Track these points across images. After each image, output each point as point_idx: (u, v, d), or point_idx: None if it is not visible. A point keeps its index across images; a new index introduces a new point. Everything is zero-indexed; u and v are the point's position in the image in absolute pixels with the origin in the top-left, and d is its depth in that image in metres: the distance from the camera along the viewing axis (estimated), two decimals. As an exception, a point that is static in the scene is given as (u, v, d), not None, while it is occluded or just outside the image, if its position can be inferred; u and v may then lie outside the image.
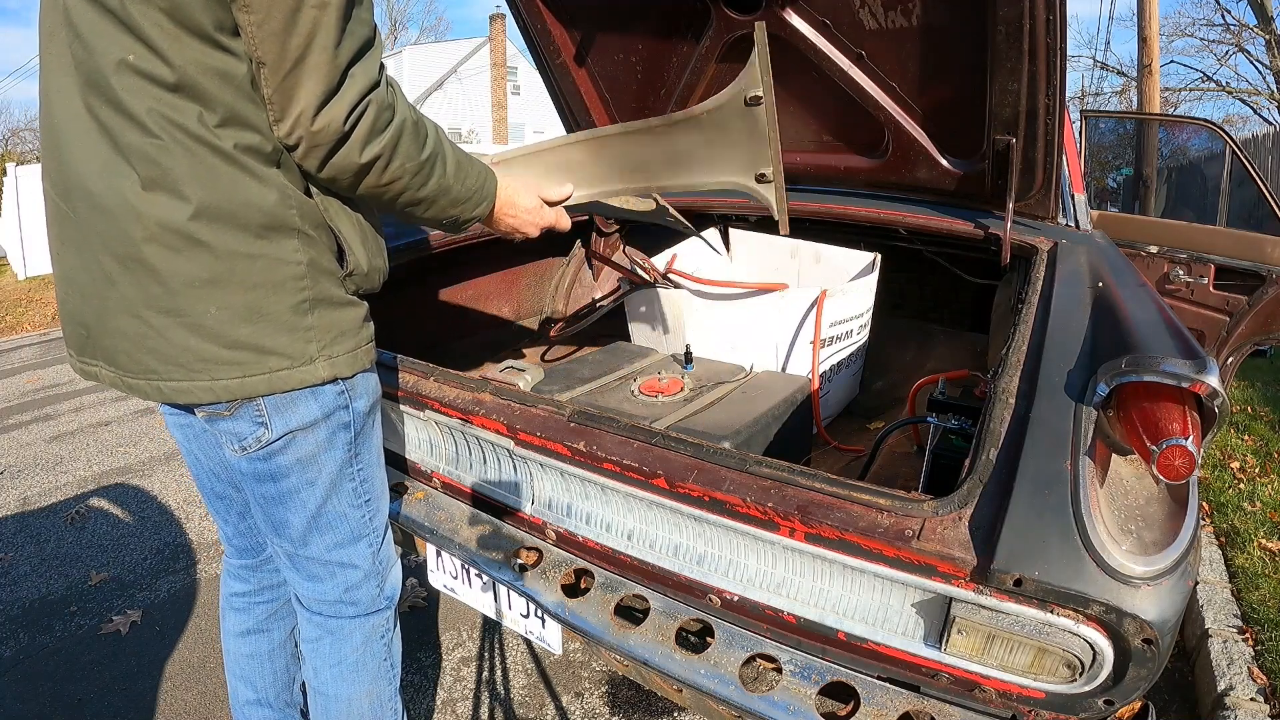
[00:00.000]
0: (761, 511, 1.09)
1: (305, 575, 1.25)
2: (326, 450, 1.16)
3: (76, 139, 0.99)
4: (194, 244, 0.98)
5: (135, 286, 0.99)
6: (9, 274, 12.13)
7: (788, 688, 1.11)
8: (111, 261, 1.00)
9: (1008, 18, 1.42)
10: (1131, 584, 0.89)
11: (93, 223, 1.00)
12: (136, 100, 0.94)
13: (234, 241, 0.99)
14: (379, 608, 1.30)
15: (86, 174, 0.99)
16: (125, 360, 1.04)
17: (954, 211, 1.86)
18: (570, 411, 1.34)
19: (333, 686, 1.28)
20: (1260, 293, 2.42)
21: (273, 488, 1.16)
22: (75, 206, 1.02)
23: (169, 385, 1.03)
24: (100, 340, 1.06)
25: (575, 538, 1.38)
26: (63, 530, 3.00)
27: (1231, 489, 2.87)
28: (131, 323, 1.01)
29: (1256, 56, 15.13)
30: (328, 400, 1.12)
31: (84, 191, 1.00)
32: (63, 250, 1.07)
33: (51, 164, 1.05)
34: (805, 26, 1.73)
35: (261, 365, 1.04)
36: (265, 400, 1.07)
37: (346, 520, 1.21)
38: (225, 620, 1.46)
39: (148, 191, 0.96)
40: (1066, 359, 1.18)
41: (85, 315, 1.06)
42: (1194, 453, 0.90)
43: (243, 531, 1.39)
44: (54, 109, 1.02)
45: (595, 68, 2.11)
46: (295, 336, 1.06)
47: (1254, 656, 1.94)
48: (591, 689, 1.99)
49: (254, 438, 1.10)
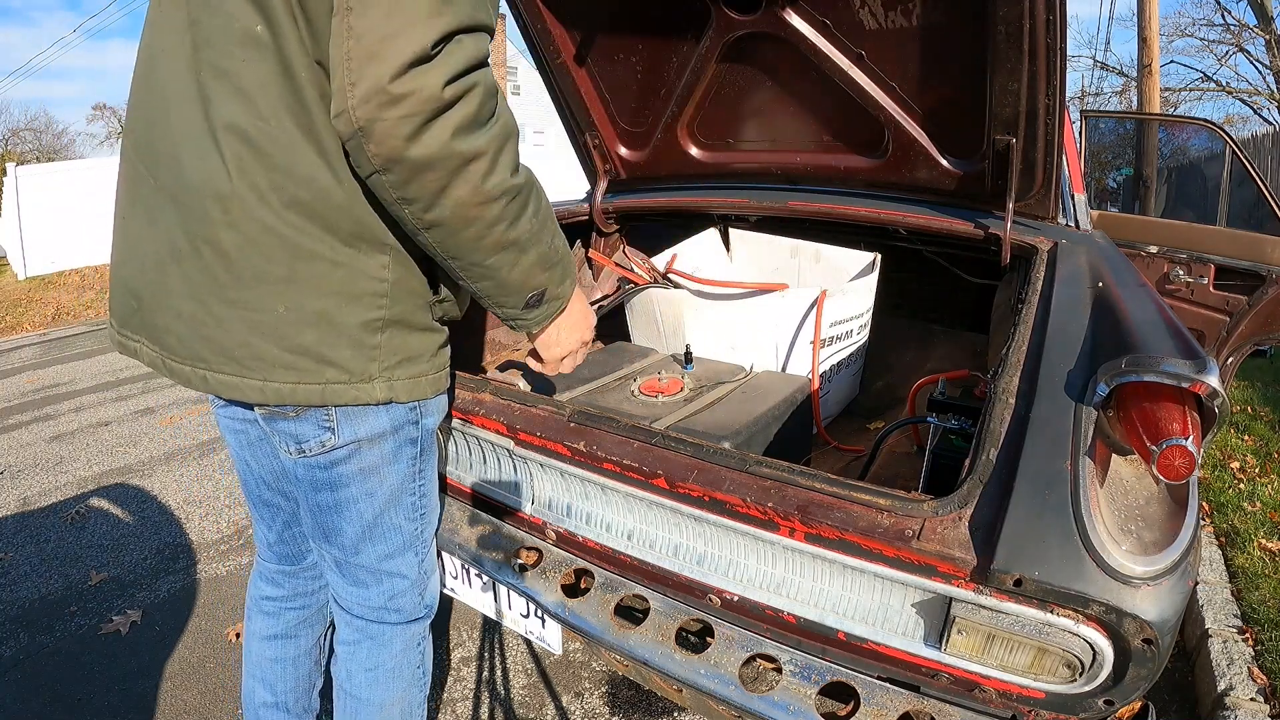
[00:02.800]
0: (761, 511, 1.09)
1: (351, 581, 1.22)
2: (391, 464, 1.11)
3: (177, 105, 0.92)
4: (276, 238, 0.91)
5: (202, 270, 0.93)
6: (9, 274, 12.13)
7: (788, 688, 1.11)
8: (184, 239, 0.93)
9: (1008, 18, 1.42)
10: (1131, 584, 0.89)
11: (173, 194, 0.94)
12: (253, 76, 0.87)
13: (319, 244, 0.92)
14: (419, 615, 1.28)
15: (180, 143, 0.92)
16: (174, 342, 0.98)
17: (954, 211, 1.86)
18: (570, 411, 1.34)
19: (367, 691, 1.26)
20: (1260, 293, 2.42)
21: (329, 496, 1.11)
22: (158, 173, 0.95)
23: (216, 377, 0.97)
24: (151, 316, 0.99)
25: (575, 538, 1.38)
26: (63, 530, 3.00)
27: (1231, 489, 2.87)
28: (191, 305, 0.95)
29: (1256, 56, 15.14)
30: (399, 414, 1.08)
31: (172, 160, 0.93)
32: (131, 215, 1.00)
33: (140, 125, 0.98)
34: (805, 27, 1.73)
35: (318, 375, 0.97)
36: (336, 407, 1.02)
37: (400, 532, 1.19)
38: (252, 622, 1.43)
39: (239, 174, 0.89)
40: (1066, 359, 1.18)
41: (140, 287, 1.00)
42: (1194, 452, 0.90)
43: (286, 539, 1.35)
44: (157, 69, 0.95)
45: (595, 68, 2.11)
46: (359, 352, 0.99)
47: (1254, 656, 1.94)
48: (591, 689, 1.99)
49: (317, 441, 1.05)
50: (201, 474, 3.50)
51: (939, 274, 2.31)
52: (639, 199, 2.38)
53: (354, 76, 0.76)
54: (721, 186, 2.26)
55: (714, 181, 2.27)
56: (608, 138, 2.28)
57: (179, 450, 3.84)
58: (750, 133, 2.11)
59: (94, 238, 12.25)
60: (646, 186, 2.40)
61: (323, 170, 0.90)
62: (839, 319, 1.99)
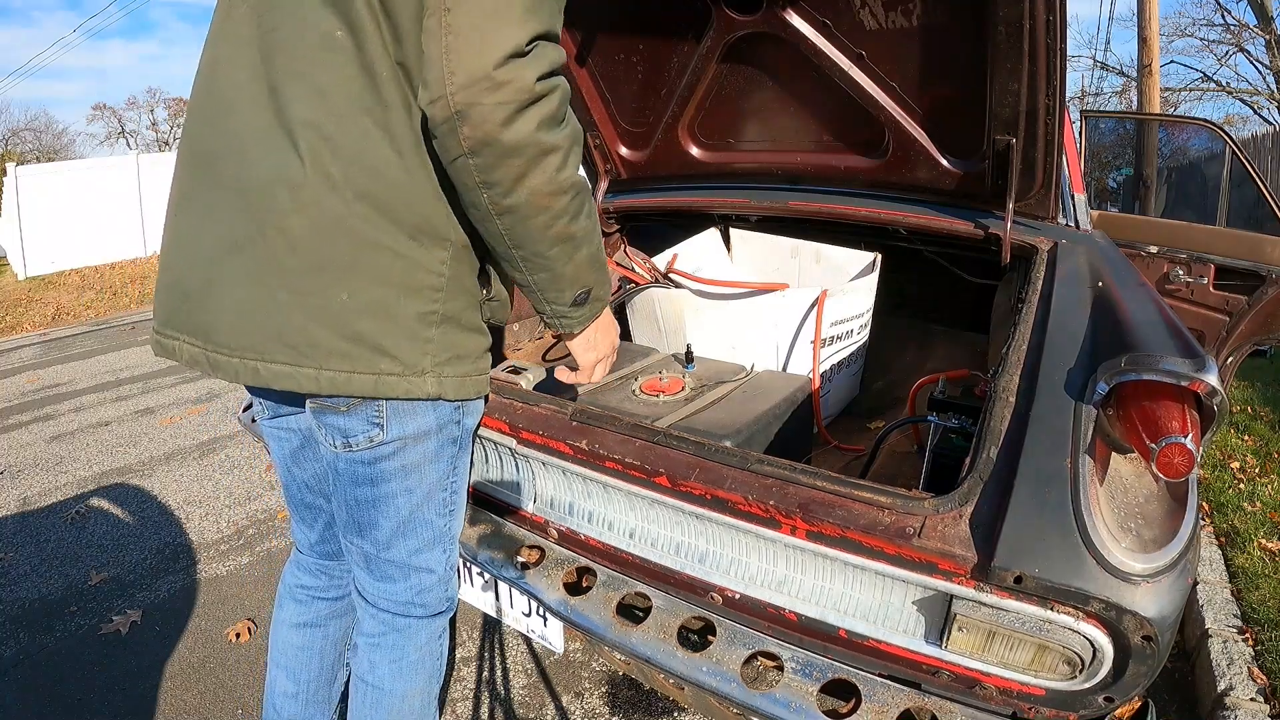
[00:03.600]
0: (763, 509, 1.10)
1: (379, 576, 1.23)
2: (432, 462, 1.14)
3: (242, 107, 0.97)
4: (343, 228, 0.95)
5: (267, 255, 0.96)
6: (9, 274, 12.13)
7: (789, 685, 1.11)
8: (247, 227, 0.96)
9: (1008, 18, 1.42)
10: (1131, 581, 0.89)
11: (238, 187, 0.98)
12: (331, 76, 0.92)
13: (384, 235, 0.97)
14: (442, 609, 1.30)
15: (246, 140, 0.97)
16: (225, 334, 1.00)
17: (954, 211, 1.86)
18: (572, 410, 1.34)
19: (390, 682, 1.27)
20: (1260, 293, 2.42)
21: (369, 491, 1.14)
22: (220, 170, 0.99)
23: (270, 368, 0.99)
24: (199, 312, 1.02)
25: (577, 536, 1.38)
26: (63, 530, 3.01)
27: (1231, 489, 2.87)
28: (249, 291, 0.97)
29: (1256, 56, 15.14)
30: (444, 413, 1.11)
31: (237, 155, 0.97)
32: (186, 211, 1.04)
33: (201, 128, 1.03)
34: (806, 27, 1.73)
35: (373, 365, 1.00)
36: (387, 403, 1.05)
37: (432, 528, 1.21)
38: (282, 609, 1.44)
39: (314, 165, 0.93)
40: (1066, 358, 1.18)
41: (190, 282, 1.03)
42: (1193, 451, 0.90)
43: (327, 539, 1.38)
44: (219, 76, 1.00)
45: (595, 68, 2.11)
46: (413, 345, 1.02)
47: (1254, 656, 1.95)
48: (591, 689, 1.99)
49: (365, 437, 1.08)
50: (201, 474, 3.50)
51: (939, 274, 2.31)
52: (640, 199, 2.38)
53: (454, 66, 0.82)
54: (722, 186, 2.26)
55: (714, 181, 2.28)
56: (608, 138, 2.29)
57: (179, 450, 3.84)
58: (751, 133, 2.12)
59: (94, 238, 12.27)
60: (647, 186, 2.41)
61: (394, 164, 0.96)
62: (840, 319, 1.99)
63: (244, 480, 3.40)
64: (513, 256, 1.00)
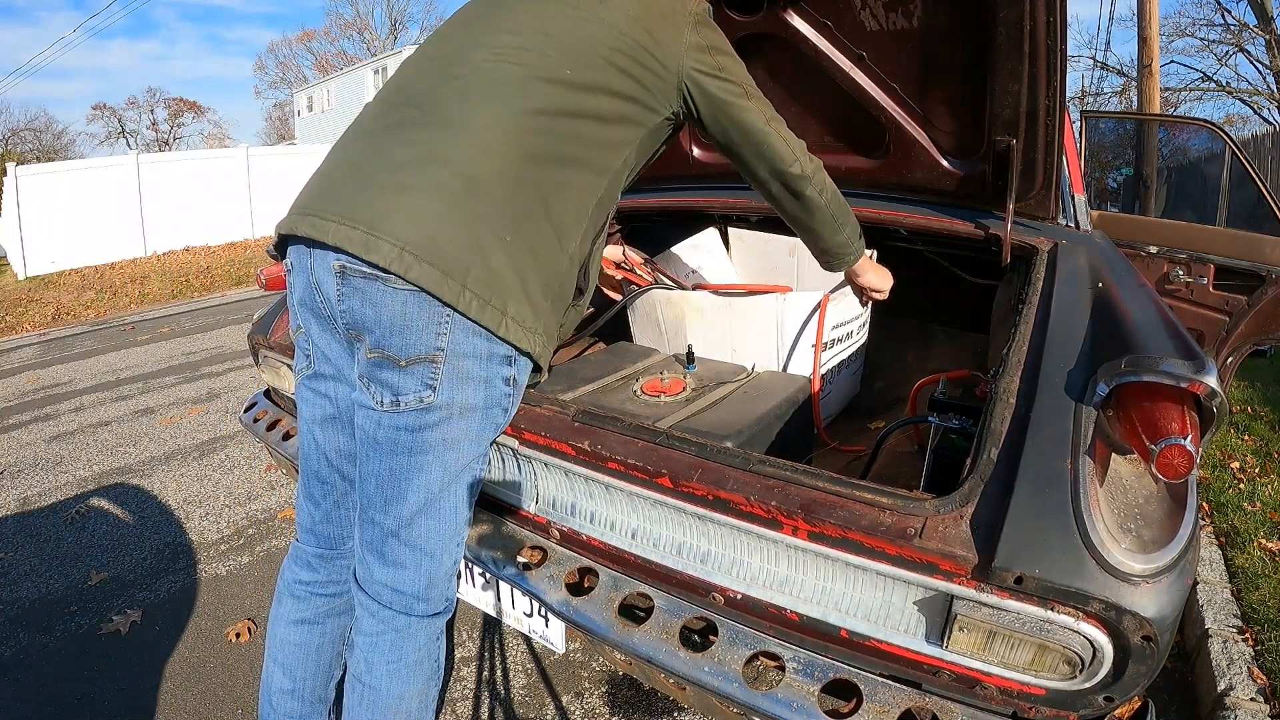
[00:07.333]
0: (765, 510, 1.10)
1: (390, 561, 1.22)
2: (472, 441, 1.18)
3: (481, 90, 1.14)
4: (522, 190, 1.11)
5: (452, 177, 1.07)
6: (9, 274, 12.13)
7: (791, 685, 1.11)
8: (446, 150, 1.09)
9: (1008, 19, 1.42)
10: (1131, 581, 0.90)
11: (450, 124, 1.11)
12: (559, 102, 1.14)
13: (542, 215, 1.13)
14: (442, 609, 1.30)
15: (473, 104, 1.13)
16: (395, 226, 1.05)
17: (954, 212, 1.87)
18: (574, 411, 1.35)
19: (386, 683, 1.26)
20: (1260, 293, 2.42)
21: (405, 461, 1.15)
22: (433, 111, 1.13)
23: (423, 267, 1.04)
24: (375, 202, 1.07)
25: (579, 536, 1.38)
26: (63, 530, 3.01)
27: (1231, 489, 2.87)
28: (430, 199, 1.06)
29: (1256, 56, 15.15)
30: (495, 393, 1.17)
31: (460, 102, 1.13)
32: (373, 133, 1.17)
33: (419, 81, 1.20)
34: (807, 28, 1.74)
35: (503, 300, 1.09)
36: (444, 366, 1.10)
37: (456, 513, 1.23)
38: (280, 605, 1.43)
39: (521, 136, 1.12)
40: (1066, 359, 1.18)
41: (375, 176, 1.10)
42: (1192, 452, 0.91)
43: (332, 519, 1.38)
44: (452, 34, 1.25)
45: (597, 68, 2.11)
46: (533, 306, 1.14)
47: (1254, 656, 1.95)
48: (591, 689, 1.99)
49: (416, 396, 1.11)
50: (201, 474, 3.50)
51: (939, 274, 2.32)
52: (639, 199, 2.39)
53: (794, 158, 1.39)
54: (722, 187, 2.27)
55: (714, 181, 2.28)
56: (609, 138, 2.28)
57: (179, 450, 3.85)
58: (751, 133, 2.11)
59: (93, 237, 12.27)
60: (646, 186, 2.41)
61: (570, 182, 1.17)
62: (840, 320, 1.99)
63: (244, 480, 3.40)
64: (828, 216, 1.47)
